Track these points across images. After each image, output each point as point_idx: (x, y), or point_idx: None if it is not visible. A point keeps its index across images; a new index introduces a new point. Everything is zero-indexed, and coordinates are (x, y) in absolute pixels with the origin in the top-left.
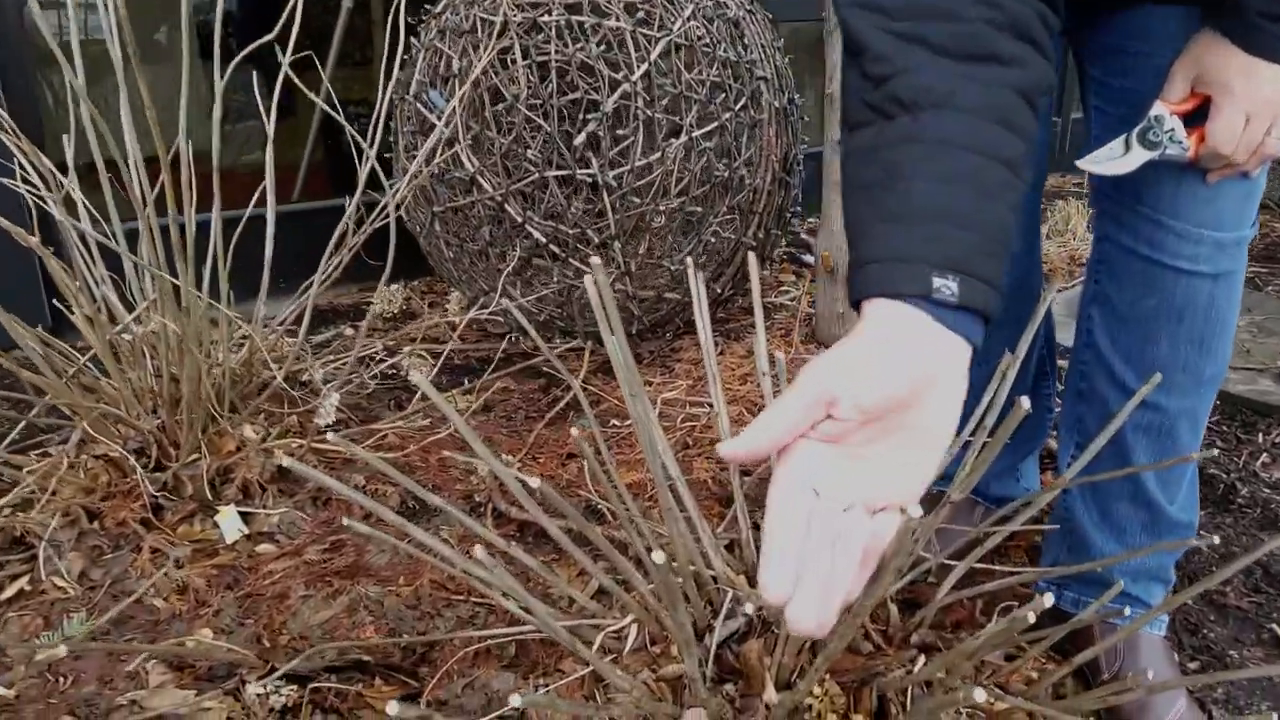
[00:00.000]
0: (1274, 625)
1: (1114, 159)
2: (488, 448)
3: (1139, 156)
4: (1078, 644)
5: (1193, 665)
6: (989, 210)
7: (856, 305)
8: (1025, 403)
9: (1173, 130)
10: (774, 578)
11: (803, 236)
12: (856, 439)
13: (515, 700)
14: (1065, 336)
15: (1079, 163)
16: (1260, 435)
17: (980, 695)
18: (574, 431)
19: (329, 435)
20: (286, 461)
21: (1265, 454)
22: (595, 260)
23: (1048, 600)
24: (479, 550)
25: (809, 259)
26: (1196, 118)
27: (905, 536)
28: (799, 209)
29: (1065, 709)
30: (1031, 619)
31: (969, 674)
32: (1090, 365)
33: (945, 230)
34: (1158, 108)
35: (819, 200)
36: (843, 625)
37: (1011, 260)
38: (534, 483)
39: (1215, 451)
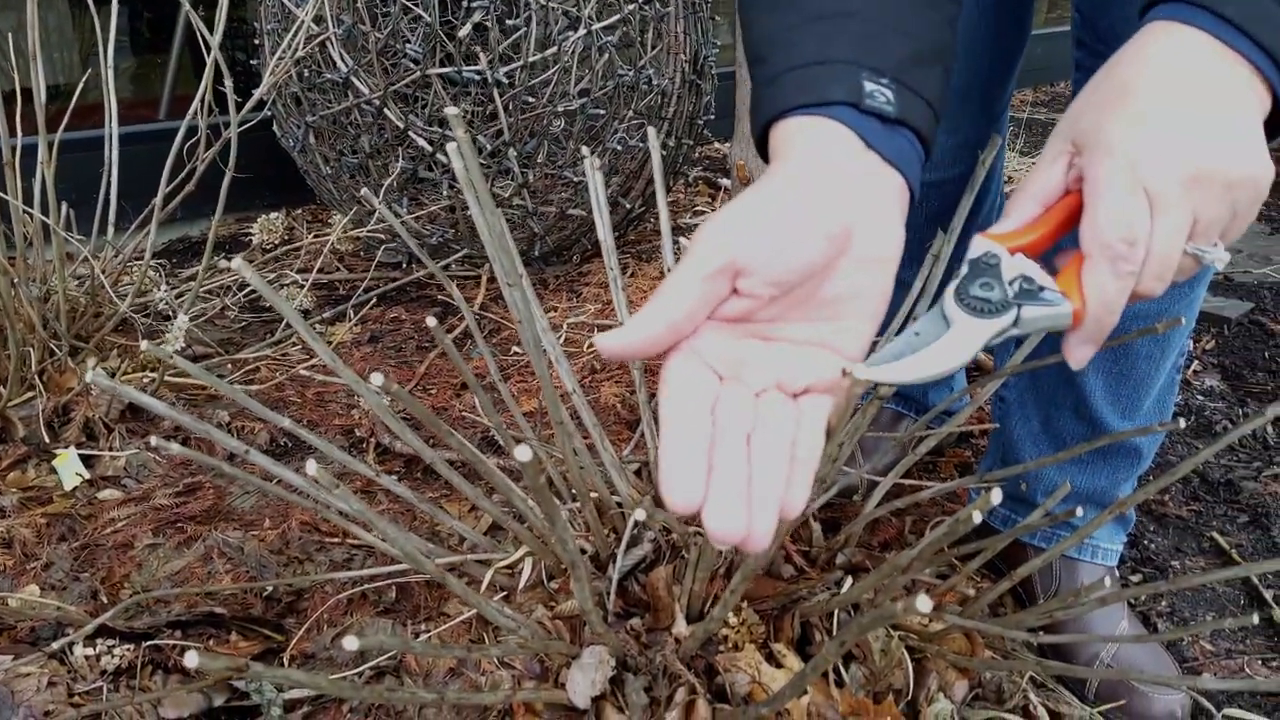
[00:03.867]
0: (1214, 533)
1: (908, 353)
2: (366, 379)
3: (966, 337)
4: (1012, 567)
5: (1135, 578)
6: (926, 18)
7: (764, 142)
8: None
9: (1025, 279)
10: (677, 478)
11: (719, 147)
12: (763, 316)
13: (350, 643)
14: None
15: (856, 372)
16: (1191, 343)
17: (926, 604)
18: (430, 321)
19: (185, 366)
20: (134, 394)
21: (1197, 361)
22: (451, 111)
23: (995, 497)
24: (312, 465)
25: (726, 182)
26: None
27: (848, 402)
28: (712, 116)
29: (1005, 626)
30: (978, 518)
31: (900, 593)
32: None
33: (876, 30)
34: (983, 243)
35: (732, 110)
36: None
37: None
38: (377, 379)
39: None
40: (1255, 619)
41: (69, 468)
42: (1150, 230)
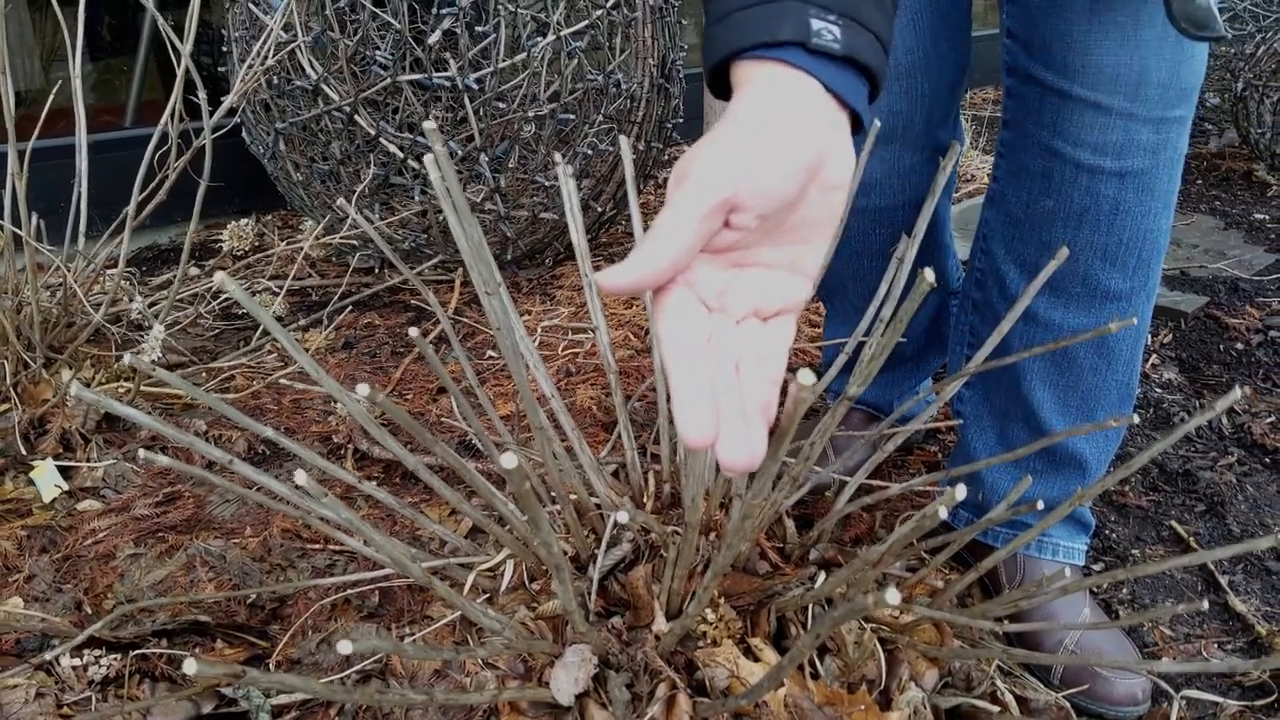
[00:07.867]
0: (1172, 522)
1: None
2: (345, 386)
3: None
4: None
5: (1096, 567)
6: None
7: (716, 81)
8: (930, 274)
9: None
10: (692, 416)
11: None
12: (741, 244)
13: (344, 647)
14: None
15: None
16: (1150, 337)
17: (895, 596)
18: (413, 332)
19: (165, 376)
20: (112, 405)
21: (1155, 355)
22: (429, 125)
23: (960, 493)
24: (301, 475)
25: None
26: None
27: (799, 407)
28: (681, 119)
29: (972, 616)
30: (943, 513)
31: (871, 587)
32: (984, 274)
33: None
34: None
35: (701, 113)
36: (734, 535)
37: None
38: (363, 389)
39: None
40: (1205, 604)
41: (47, 479)
42: None
